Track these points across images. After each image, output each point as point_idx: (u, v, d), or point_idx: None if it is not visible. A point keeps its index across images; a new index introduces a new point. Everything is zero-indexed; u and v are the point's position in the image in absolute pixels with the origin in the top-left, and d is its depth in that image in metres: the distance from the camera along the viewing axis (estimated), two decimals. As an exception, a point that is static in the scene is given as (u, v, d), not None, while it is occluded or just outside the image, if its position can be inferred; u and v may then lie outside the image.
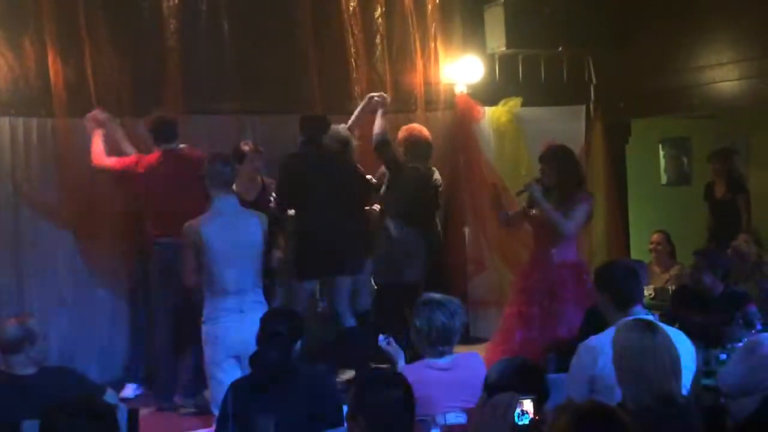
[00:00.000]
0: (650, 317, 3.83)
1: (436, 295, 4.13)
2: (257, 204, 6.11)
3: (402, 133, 6.94)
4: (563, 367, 4.22)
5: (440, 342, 3.97)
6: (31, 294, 6.45)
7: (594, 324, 4.34)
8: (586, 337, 4.02)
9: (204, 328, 5.18)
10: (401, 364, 4.14)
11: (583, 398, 3.68)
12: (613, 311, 3.94)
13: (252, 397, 3.82)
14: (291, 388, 3.83)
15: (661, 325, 3.58)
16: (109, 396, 4.14)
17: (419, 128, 7.02)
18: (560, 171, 5.74)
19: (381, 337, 4.24)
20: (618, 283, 4.02)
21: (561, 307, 5.53)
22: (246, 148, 6.42)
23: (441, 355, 3.98)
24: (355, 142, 6.48)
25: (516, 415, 2.84)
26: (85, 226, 6.55)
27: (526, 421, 2.86)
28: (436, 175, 7.04)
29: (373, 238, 6.63)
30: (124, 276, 6.68)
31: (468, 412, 3.71)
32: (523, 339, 5.60)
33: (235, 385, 3.96)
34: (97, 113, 6.30)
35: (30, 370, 4.07)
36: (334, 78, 7.30)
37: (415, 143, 6.86)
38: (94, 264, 6.60)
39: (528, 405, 2.88)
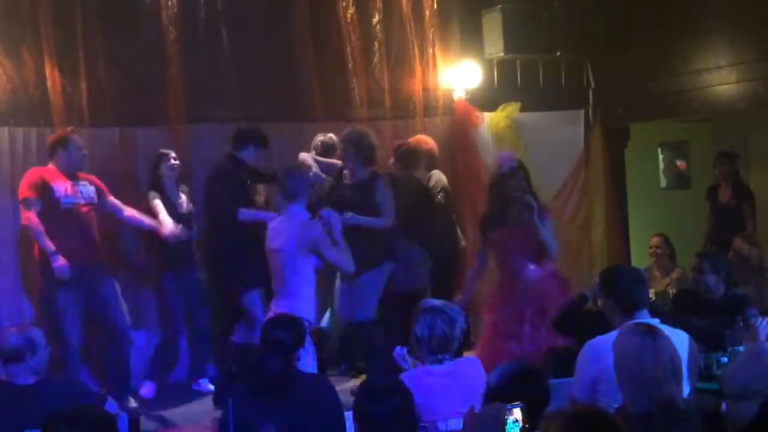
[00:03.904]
0: (654, 321, 3.82)
1: (437, 302, 4.13)
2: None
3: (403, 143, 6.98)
4: (562, 372, 4.22)
5: (440, 350, 3.97)
6: (31, 303, 6.44)
7: (593, 326, 4.34)
8: (583, 339, 4.02)
9: None
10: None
11: (587, 401, 3.69)
12: (619, 316, 3.93)
13: (253, 404, 3.82)
14: (292, 396, 3.82)
15: (663, 327, 3.58)
16: (110, 405, 4.14)
17: (421, 138, 7.04)
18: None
19: (398, 348, 4.24)
20: (623, 287, 4.00)
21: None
22: None
23: (441, 361, 3.98)
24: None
25: (506, 424, 2.85)
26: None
27: (517, 430, 2.87)
28: (433, 181, 7.04)
29: None
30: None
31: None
32: (516, 353, 5.58)
33: (236, 393, 3.96)
34: None
35: (31, 380, 4.07)
36: (333, 85, 7.31)
37: (408, 152, 6.88)
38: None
39: (517, 413, 2.89)
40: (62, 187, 5.94)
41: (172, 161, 6.41)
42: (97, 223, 6.17)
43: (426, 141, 7.12)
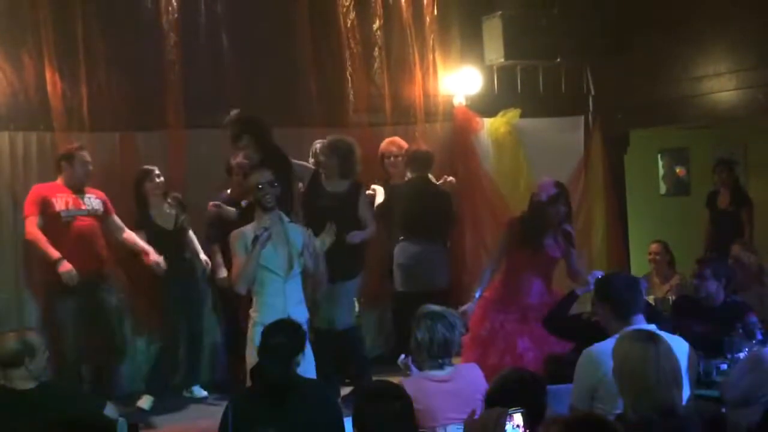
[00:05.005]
0: (651, 327, 3.83)
1: (436, 307, 4.14)
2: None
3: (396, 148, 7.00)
4: (561, 378, 4.22)
5: (441, 354, 3.99)
6: (31, 307, 6.44)
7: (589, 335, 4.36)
8: (581, 347, 4.03)
9: None
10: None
11: (586, 407, 3.69)
12: (614, 322, 3.94)
13: (252, 409, 3.81)
14: (291, 401, 3.82)
15: (661, 333, 3.58)
16: (109, 410, 4.14)
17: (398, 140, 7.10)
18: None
19: (402, 356, 4.25)
20: (618, 293, 4.01)
21: None
22: (234, 161, 6.51)
23: (441, 366, 3.99)
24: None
25: (507, 428, 2.85)
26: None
27: None
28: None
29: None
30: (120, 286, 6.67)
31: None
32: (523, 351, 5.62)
33: (235, 398, 3.96)
34: None
35: (30, 385, 4.06)
36: (333, 91, 7.31)
37: (423, 156, 6.90)
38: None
39: (518, 418, 2.89)
40: (63, 200, 6.08)
41: (157, 180, 6.41)
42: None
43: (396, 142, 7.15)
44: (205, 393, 6.62)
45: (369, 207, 6.43)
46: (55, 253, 5.92)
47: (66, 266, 5.89)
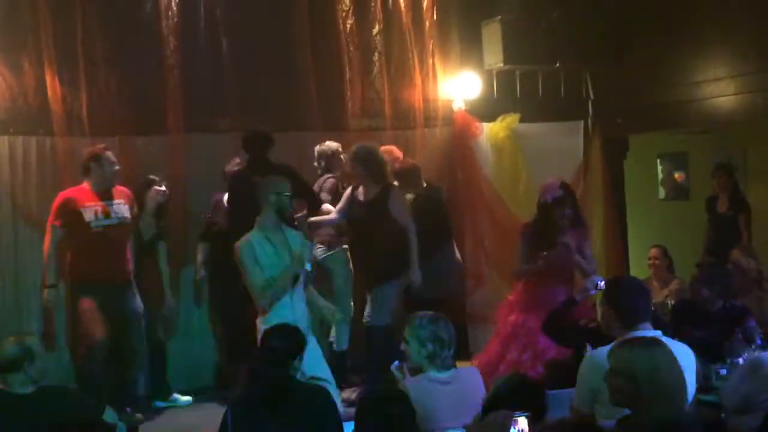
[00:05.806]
0: (657, 333, 3.80)
1: (430, 312, 4.16)
2: None
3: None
4: (562, 383, 4.22)
5: (454, 353, 4.02)
6: (30, 312, 6.44)
7: (588, 340, 4.35)
8: (580, 352, 4.02)
9: None
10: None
11: (588, 410, 3.68)
12: (619, 326, 3.91)
13: (252, 414, 3.81)
14: (291, 405, 3.82)
15: (666, 339, 3.57)
16: (108, 415, 4.13)
17: (392, 150, 7.01)
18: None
19: (396, 362, 4.25)
20: (625, 299, 3.98)
21: None
22: (228, 167, 6.56)
23: (450, 366, 4.01)
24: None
25: None
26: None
27: None
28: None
29: None
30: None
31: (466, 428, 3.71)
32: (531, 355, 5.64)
33: (235, 402, 3.96)
34: None
35: (29, 389, 4.06)
36: (332, 95, 7.32)
37: (408, 172, 6.87)
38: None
39: (523, 422, 2.89)
40: (92, 210, 5.99)
41: (153, 188, 6.46)
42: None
43: (391, 151, 7.05)
44: (188, 398, 6.57)
45: (401, 207, 6.28)
46: (50, 279, 5.96)
47: (48, 294, 5.98)
